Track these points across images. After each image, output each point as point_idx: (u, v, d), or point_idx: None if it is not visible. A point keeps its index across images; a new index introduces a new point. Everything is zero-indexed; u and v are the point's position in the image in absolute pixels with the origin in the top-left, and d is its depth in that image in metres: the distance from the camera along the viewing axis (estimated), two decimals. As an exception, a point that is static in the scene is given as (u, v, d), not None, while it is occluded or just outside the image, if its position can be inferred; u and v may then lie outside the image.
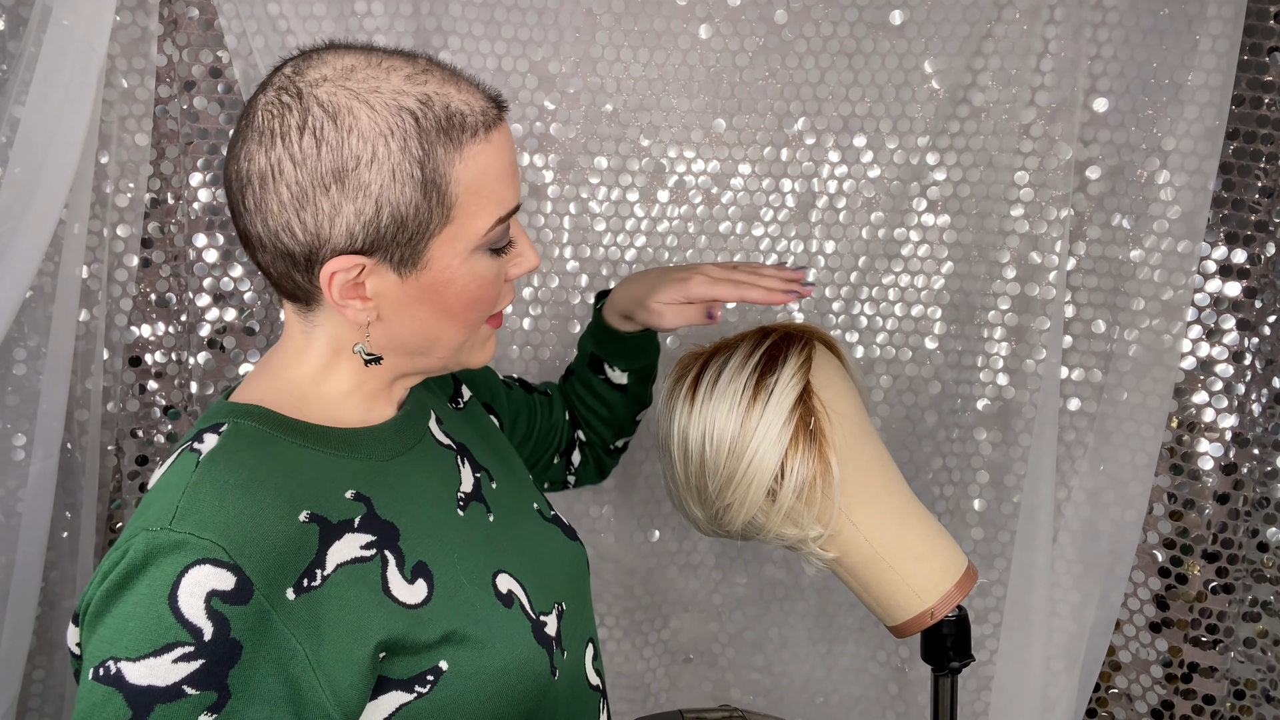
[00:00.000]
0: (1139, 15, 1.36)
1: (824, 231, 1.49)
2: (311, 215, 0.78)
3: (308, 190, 0.77)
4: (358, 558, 0.80)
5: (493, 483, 0.99)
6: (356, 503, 0.83)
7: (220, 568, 0.72)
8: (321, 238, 0.79)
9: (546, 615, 0.93)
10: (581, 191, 1.48)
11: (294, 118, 0.78)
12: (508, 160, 0.84)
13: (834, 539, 1.10)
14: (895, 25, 1.40)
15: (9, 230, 1.26)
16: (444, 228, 0.81)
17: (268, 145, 0.78)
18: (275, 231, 0.79)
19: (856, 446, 1.10)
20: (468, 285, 0.84)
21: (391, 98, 0.78)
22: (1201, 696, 1.54)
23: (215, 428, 0.82)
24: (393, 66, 0.80)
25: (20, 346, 1.39)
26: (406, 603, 0.82)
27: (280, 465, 0.80)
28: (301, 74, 0.79)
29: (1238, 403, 1.46)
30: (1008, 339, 1.49)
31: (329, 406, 0.88)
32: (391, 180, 0.78)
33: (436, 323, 0.86)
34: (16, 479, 1.41)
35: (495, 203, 0.83)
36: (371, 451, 0.88)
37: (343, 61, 0.80)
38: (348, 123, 0.77)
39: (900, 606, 1.12)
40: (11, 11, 1.35)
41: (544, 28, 1.42)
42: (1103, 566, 1.46)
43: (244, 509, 0.75)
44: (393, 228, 0.79)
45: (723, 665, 1.66)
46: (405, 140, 0.78)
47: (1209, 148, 1.35)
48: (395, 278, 0.82)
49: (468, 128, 0.80)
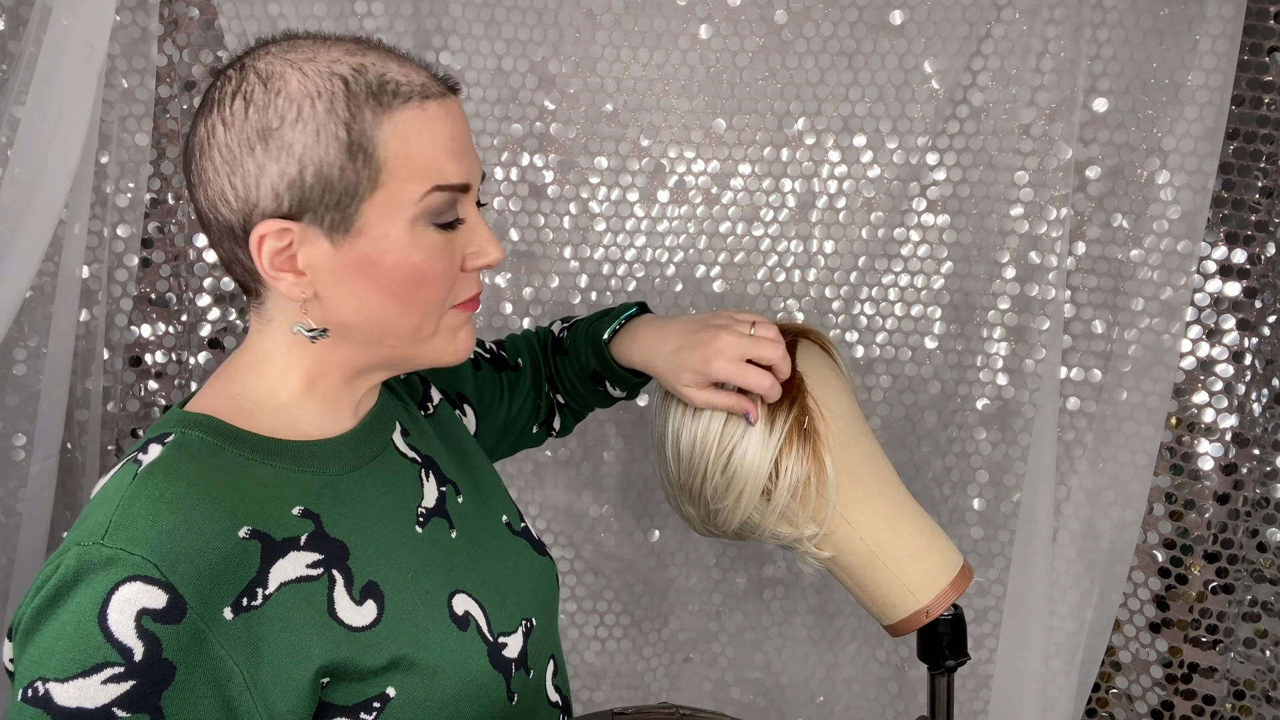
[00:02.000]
0: (1139, 15, 1.36)
1: (824, 231, 1.49)
2: (240, 179, 0.77)
3: (235, 152, 0.77)
4: (303, 576, 0.78)
5: (459, 496, 0.96)
6: (304, 519, 0.80)
7: (151, 585, 0.70)
8: (250, 202, 0.78)
9: (508, 635, 0.90)
10: (581, 191, 1.48)
11: (231, 85, 0.78)
12: (449, 134, 0.81)
13: (829, 538, 1.10)
14: (895, 25, 1.40)
15: (9, 230, 1.27)
16: (374, 192, 0.78)
17: (208, 113, 0.79)
18: (214, 202, 0.79)
19: (851, 445, 1.10)
20: (407, 256, 0.80)
21: (326, 66, 0.78)
22: (1201, 697, 1.54)
23: (162, 438, 0.79)
24: (337, 43, 0.81)
25: (20, 346, 1.40)
26: (353, 625, 0.79)
27: (223, 479, 0.77)
28: (251, 54, 0.81)
29: (1238, 403, 1.46)
30: (1007, 339, 1.49)
31: (286, 416, 0.85)
32: (315, 140, 0.76)
33: (379, 301, 0.81)
34: (16, 479, 1.41)
35: (431, 171, 0.80)
36: (325, 465, 0.85)
37: (291, 41, 0.81)
38: (277, 86, 0.77)
39: (895, 605, 1.12)
40: (11, 11, 1.35)
41: (544, 28, 1.42)
42: (1102, 566, 1.46)
43: (178, 523, 0.72)
44: (318, 189, 0.77)
45: (722, 664, 1.66)
46: (332, 101, 0.77)
47: (1209, 148, 1.35)
48: (328, 245, 0.79)
49: (400, 94, 0.79)
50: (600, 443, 1.58)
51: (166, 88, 1.46)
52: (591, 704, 1.66)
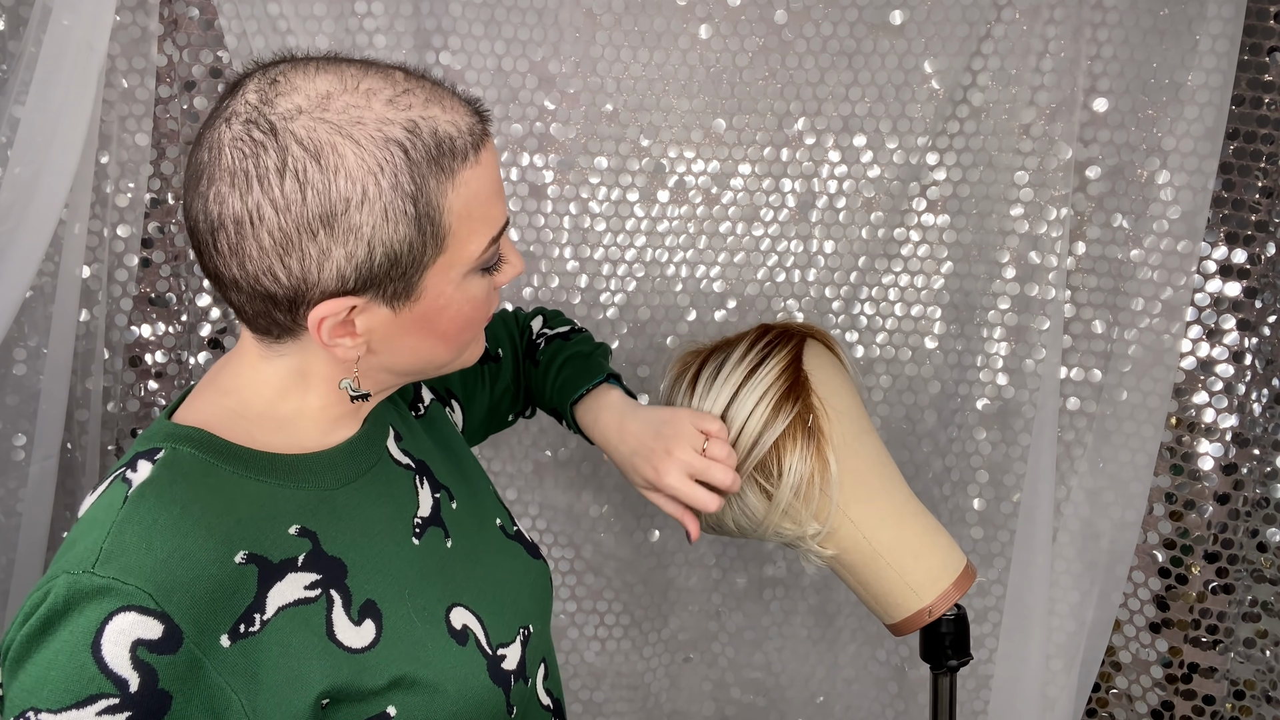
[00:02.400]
0: (1139, 15, 1.36)
1: (824, 231, 1.49)
2: (297, 260, 0.73)
3: (292, 236, 0.72)
4: (301, 599, 0.77)
5: (453, 502, 0.95)
6: (301, 539, 0.79)
7: (146, 615, 0.68)
8: (309, 282, 0.74)
9: (506, 646, 0.89)
10: (581, 191, 1.48)
11: (271, 158, 0.71)
12: (495, 176, 0.80)
13: (832, 536, 1.10)
14: (895, 25, 1.40)
15: (9, 230, 1.26)
16: (438, 257, 0.76)
17: (243, 189, 0.71)
18: (254, 275, 0.74)
19: (855, 444, 1.10)
20: (462, 309, 0.81)
21: (376, 128, 0.72)
22: (1201, 697, 1.54)
23: (151, 454, 0.77)
24: (371, 90, 0.74)
25: (20, 346, 1.40)
26: (352, 647, 0.78)
27: (217, 501, 0.75)
28: (271, 104, 0.72)
29: (1238, 403, 1.46)
30: (1007, 339, 1.49)
31: (285, 428, 0.83)
32: (384, 220, 0.73)
33: (430, 348, 0.82)
34: (16, 479, 1.41)
35: (487, 224, 0.79)
36: (321, 480, 0.83)
37: (315, 87, 0.73)
38: (333, 162, 0.71)
39: (898, 604, 1.12)
40: (11, 11, 1.35)
41: (544, 28, 1.42)
42: (1102, 566, 1.46)
43: (173, 550, 0.71)
44: (386, 265, 0.74)
45: (722, 664, 1.66)
46: (396, 176, 0.72)
47: (1209, 148, 1.35)
48: (388, 311, 0.77)
49: (458, 152, 0.75)
50: (600, 443, 1.57)
51: (166, 88, 1.45)
52: (591, 704, 1.66)
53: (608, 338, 1.53)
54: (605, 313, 1.52)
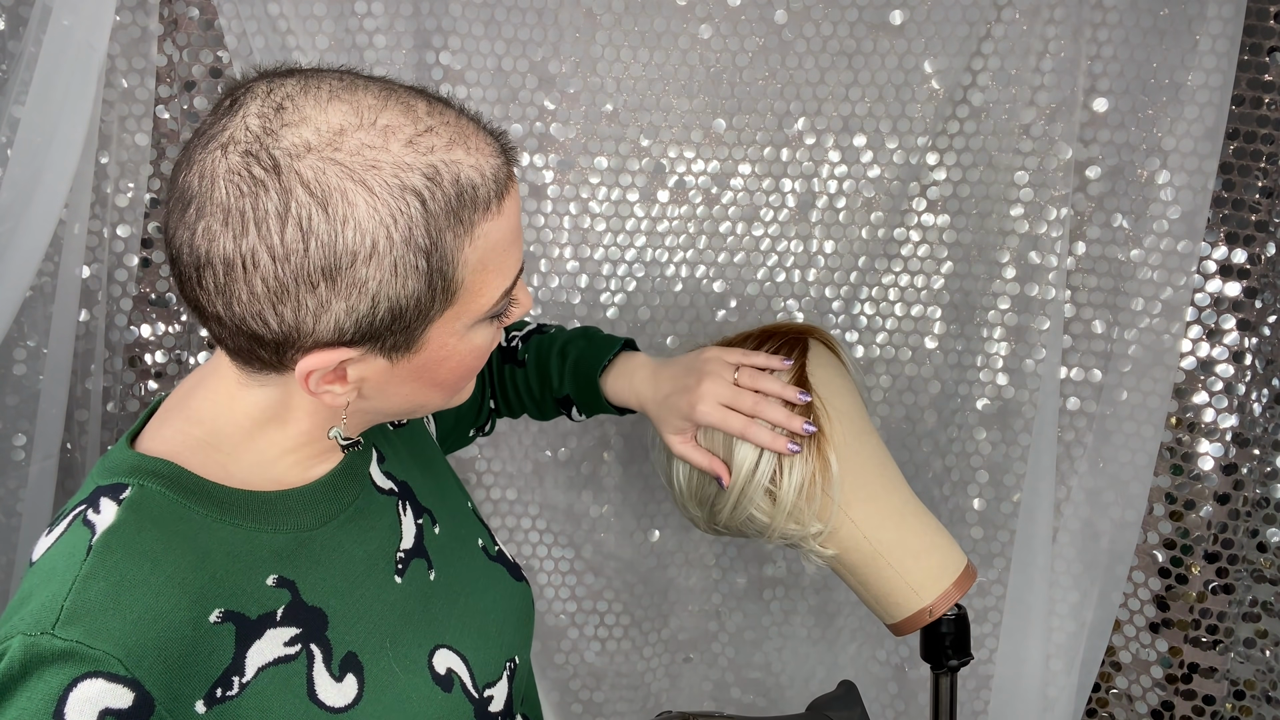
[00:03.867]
0: (1139, 15, 1.36)
1: (824, 231, 1.49)
2: (291, 310, 0.66)
3: (289, 286, 0.65)
4: (281, 658, 0.72)
5: (435, 526, 0.89)
6: (280, 589, 0.73)
7: (115, 683, 0.62)
8: (302, 331, 0.67)
9: (493, 686, 0.85)
10: (581, 191, 1.48)
11: (271, 201, 0.63)
12: (515, 225, 0.73)
13: (833, 536, 1.11)
14: (895, 25, 1.40)
15: (9, 230, 1.26)
16: (445, 310, 0.70)
17: (237, 230, 0.64)
18: (242, 317, 0.67)
19: (856, 444, 1.10)
20: (465, 360, 0.75)
21: (393, 175, 0.65)
22: (1201, 697, 1.54)
23: (116, 491, 0.70)
24: (390, 127, 0.66)
25: (20, 346, 1.40)
26: (334, 706, 0.74)
27: (189, 552, 0.69)
28: (275, 136, 0.64)
29: (1238, 403, 1.46)
30: (1008, 339, 1.49)
31: (262, 463, 0.76)
32: (392, 276, 0.66)
33: (426, 394, 0.77)
34: (16, 479, 1.41)
35: (502, 274, 0.72)
36: (300, 520, 0.77)
37: (327, 119, 0.65)
38: (342, 211, 0.64)
39: (899, 604, 1.12)
40: (11, 11, 1.35)
41: (544, 28, 1.42)
42: (1102, 566, 1.46)
43: (145, 611, 0.65)
44: (388, 320, 0.68)
45: (722, 664, 1.66)
46: (410, 230, 0.65)
47: (1209, 148, 1.35)
48: (384, 362, 0.71)
49: (479, 203, 0.68)
50: (600, 443, 1.57)
51: (166, 88, 1.45)
52: (591, 704, 1.66)
53: (608, 338, 1.52)
54: (605, 313, 1.52)
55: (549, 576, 1.61)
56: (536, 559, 1.61)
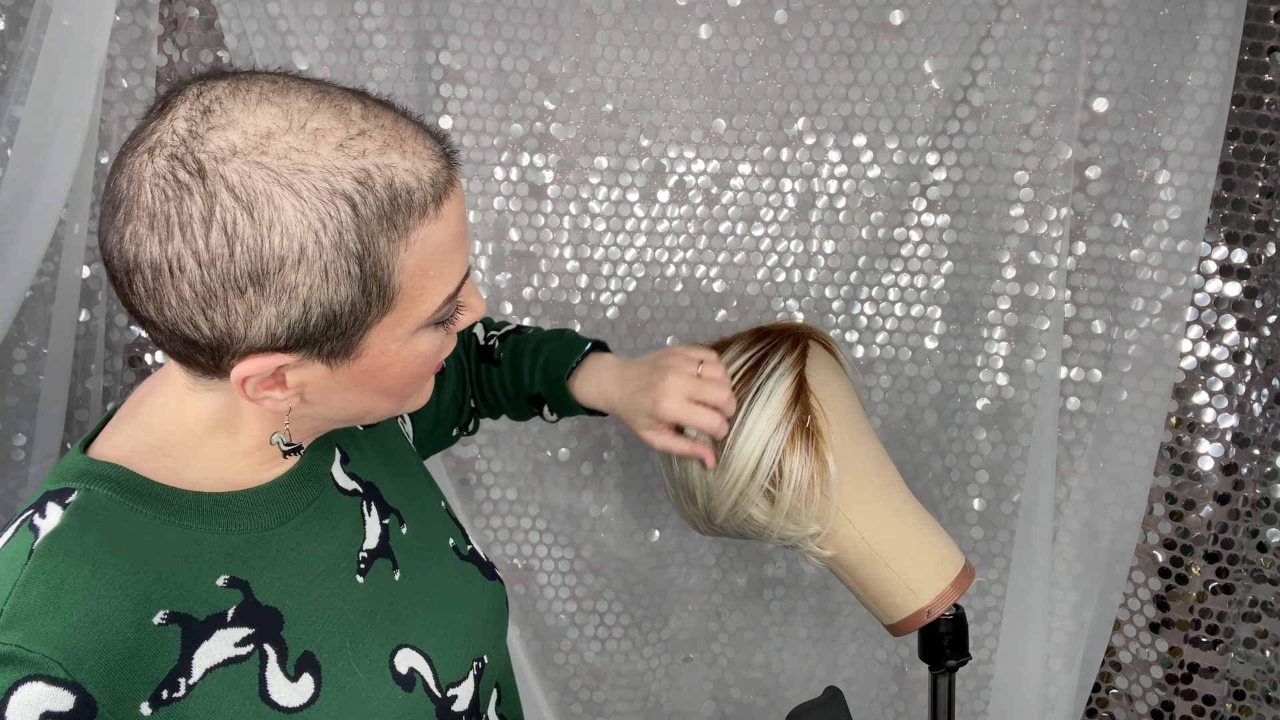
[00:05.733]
0: (1139, 15, 1.36)
1: (824, 231, 1.49)
2: (221, 316, 0.65)
3: (216, 292, 0.64)
4: (231, 658, 0.70)
5: (403, 526, 0.88)
6: (231, 590, 0.72)
7: (56, 686, 0.62)
8: (234, 337, 0.66)
9: (458, 685, 0.84)
10: (581, 191, 1.48)
11: (196, 205, 0.62)
12: (458, 228, 0.71)
13: (831, 537, 1.11)
14: (895, 25, 1.40)
15: (9, 230, 1.27)
16: (384, 317, 0.69)
17: (162, 234, 0.63)
18: (174, 322, 0.66)
19: (853, 445, 1.10)
20: (408, 366, 0.73)
21: (322, 179, 0.63)
22: (1201, 697, 1.54)
23: (62, 496, 0.69)
24: (320, 130, 0.64)
25: (20, 346, 1.40)
26: (288, 706, 0.72)
27: (134, 554, 0.68)
28: (201, 139, 0.63)
29: (1238, 403, 1.46)
30: (1008, 339, 1.49)
31: (216, 467, 0.75)
32: (323, 280, 0.65)
33: (372, 400, 0.75)
34: (16, 479, 1.41)
35: (443, 280, 0.71)
36: (254, 521, 0.76)
37: (255, 122, 0.64)
38: (268, 215, 0.62)
39: (897, 605, 1.12)
40: (11, 11, 1.35)
41: (544, 28, 1.42)
42: (1102, 566, 1.46)
43: (85, 614, 0.64)
44: (322, 325, 0.67)
45: (722, 664, 1.66)
46: (340, 234, 0.64)
47: (1209, 148, 1.35)
48: (324, 368, 0.70)
49: (415, 208, 0.67)
50: (600, 443, 1.57)
51: (166, 88, 1.45)
52: (591, 704, 1.66)
53: (608, 337, 1.53)
54: (605, 313, 1.52)
55: (549, 576, 1.61)
56: (536, 559, 1.61)
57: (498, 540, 1.60)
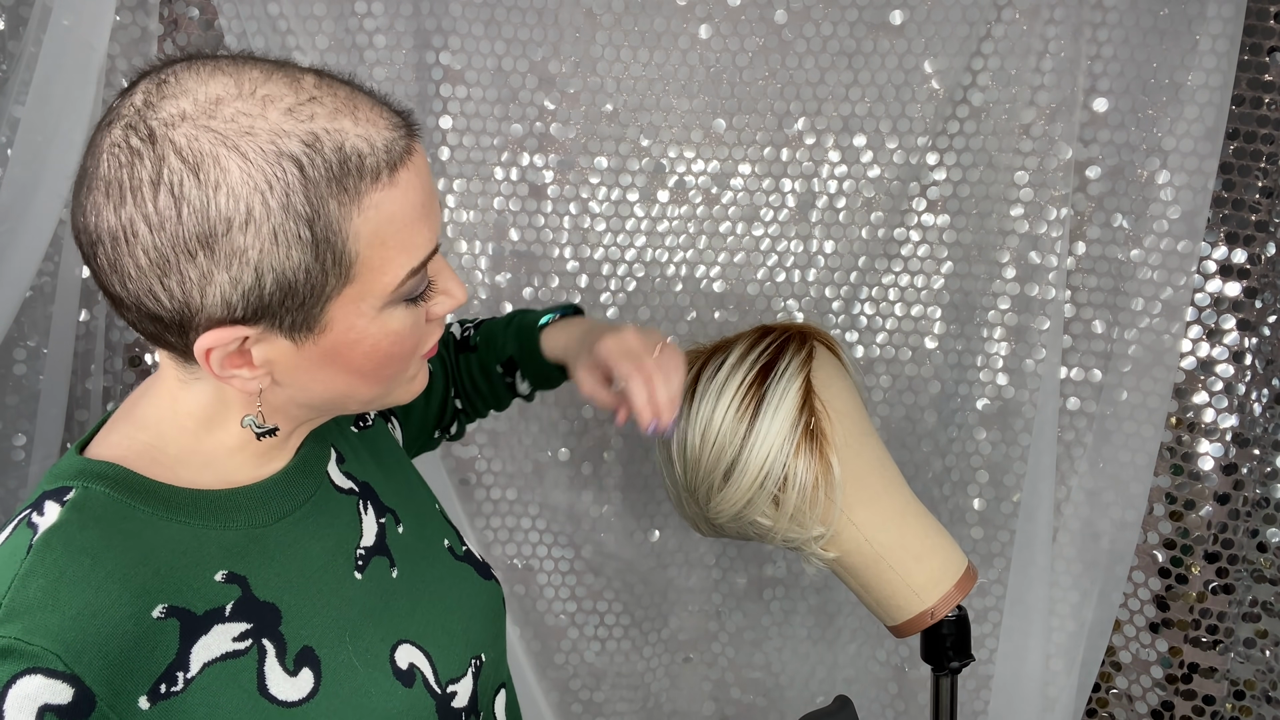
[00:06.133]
0: (1139, 15, 1.36)
1: (824, 231, 1.49)
2: (177, 283, 0.65)
3: (169, 256, 0.64)
4: (229, 653, 0.70)
5: (399, 526, 0.88)
6: (229, 585, 0.72)
7: (55, 678, 0.62)
8: (192, 306, 0.66)
9: (457, 682, 0.84)
10: (581, 191, 1.48)
11: (145, 169, 0.63)
12: (419, 199, 0.70)
13: (835, 539, 1.10)
14: (895, 25, 1.40)
15: (9, 230, 1.27)
16: (344, 288, 0.68)
17: (116, 200, 0.64)
18: (137, 295, 0.67)
19: (857, 446, 1.10)
20: (379, 344, 0.72)
21: (269, 140, 0.64)
22: (1201, 697, 1.54)
23: (60, 494, 0.70)
24: (269, 97, 0.65)
25: (20, 346, 1.40)
26: (287, 700, 0.72)
27: (133, 549, 0.69)
28: (154, 107, 0.65)
29: (1238, 403, 1.46)
30: (1008, 339, 1.49)
31: (212, 464, 0.76)
32: (273, 243, 0.65)
33: (346, 383, 0.74)
34: (16, 479, 1.41)
35: (406, 252, 0.70)
36: (251, 517, 0.76)
37: (205, 90, 0.65)
38: (213, 177, 0.63)
39: (900, 606, 1.12)
40: (11, 11, 1.35)
41: (544, 28, 1.42)
42: (1102, 566, 1.46)
43: (84, 607, 0.64)
44: (279, 294, 0.66)
45: (722, 664, 1.66)
46: (288, 195, 0.64)
47: (1209, 148, 1.35)
48: (288, 344, 0.70)
49: (366, 172, 0.67)
50: (600, 443, 1.57)
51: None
52: (591, 704, 1.66)
53: (608, 338, 1.52)
54: (605, 313, 1.52)
55: (549, 576, 1.61)
56: (536, 559, 1.61)
57: (498, 540, 1.60)
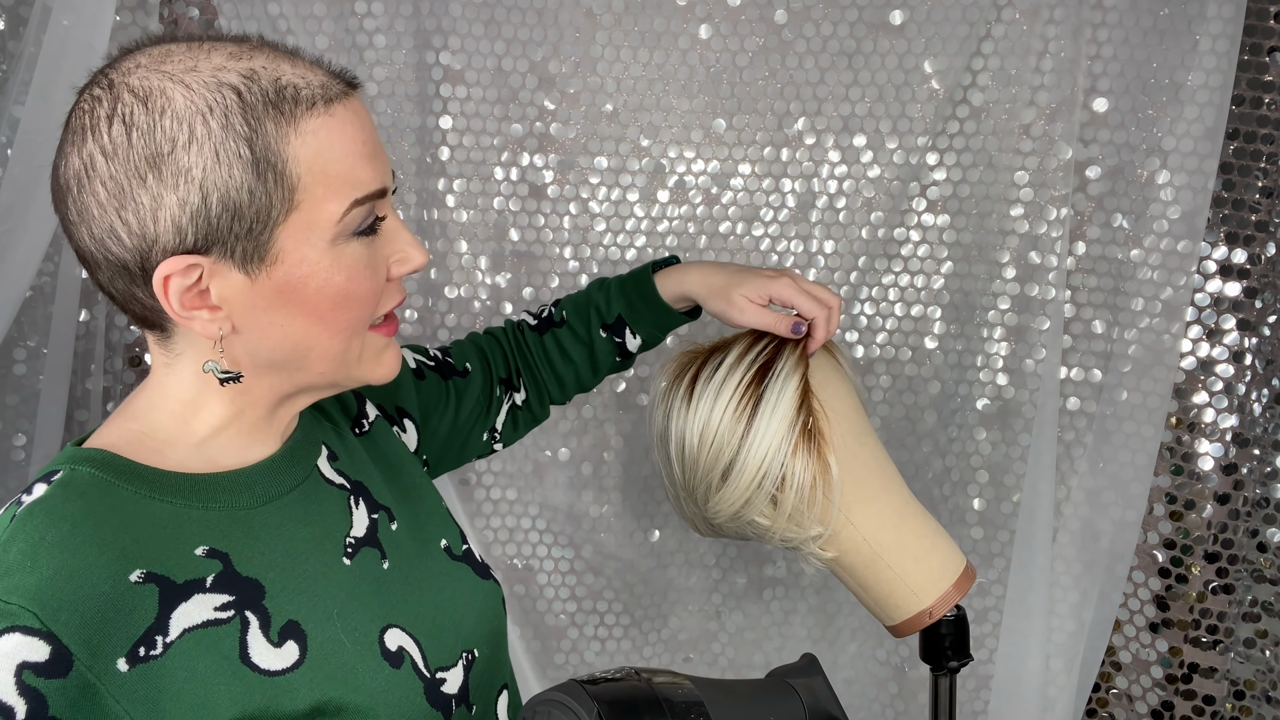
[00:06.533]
0: (1139, 15, 1.36)
1: (824, 231, 1.49)
2: (133, 213, 0.70)
3: (123, 184, 0.69)
4: (210, 620, 0.72)
5: (393, 523, 0.90)
6: (210, 559, 0.74)
7: (32, 635, 0.64)
8: (148, 238, 0.70)
9: (446, 670, 0.85)
10: (581, 191, 1.48)
11: (103, 108, 0.70)
12: (360, 138, 0.75)
13: (833, 539, 1.10)
14: (895, 25, 1.40)
15: (9, 230, 1.26)
16: (289, 214, 0.72)
17: (79, 142, 0.71)
18: (101, 240, 0.71)
19: (855, 446, 1.10)
20: (331, 278, 0.75)
21: (210, 75, 0.70)
22: (1201, 697, 1.54)
23: (49, 476, 0.73)
24: (215, 47, 0.72)
25: (20, 346, 1.40)
26: (269, 669, 0.73)
27: (112, 519, 0.71)
28: (115, 66, 0.72)
29: (1238, 403, 1.46)
30: (1008, 339, 1.49)
31: (200, 448, 0.79)
32: (215, 161, 0.69)
33: (303, 328, 0.76)
34: (16, 479, 1.41)
35: (349, 184, 0.74)
36: (235, 499, 0.78)
37: (160, 49, 0.73)
38: (159, 104, 0.69)
39: (898, 606, 1.12)
40: (11, 11, 1.35)
41: (544, 28, 1.42)
42: (1102, 566, 1.46)
43: (61, 568, 0.66)
44: (226, 217, 0.70)
45: (722, 664, 1.66)
46: (227, 116, 0.70)
47: (1209, 148, 1.35)
48: (243, 277, 0.73)
49: (301, 100, 0.72)
50: (600, 443, 1.57)
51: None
52: (591, 704, 1.66)
53: (608, 338, 1.53)
54: (605, 313, 1.52)
55: (549, 576, 1.61)
56: (536, 559, 1.61)
57: (498, 540, 1.60)
